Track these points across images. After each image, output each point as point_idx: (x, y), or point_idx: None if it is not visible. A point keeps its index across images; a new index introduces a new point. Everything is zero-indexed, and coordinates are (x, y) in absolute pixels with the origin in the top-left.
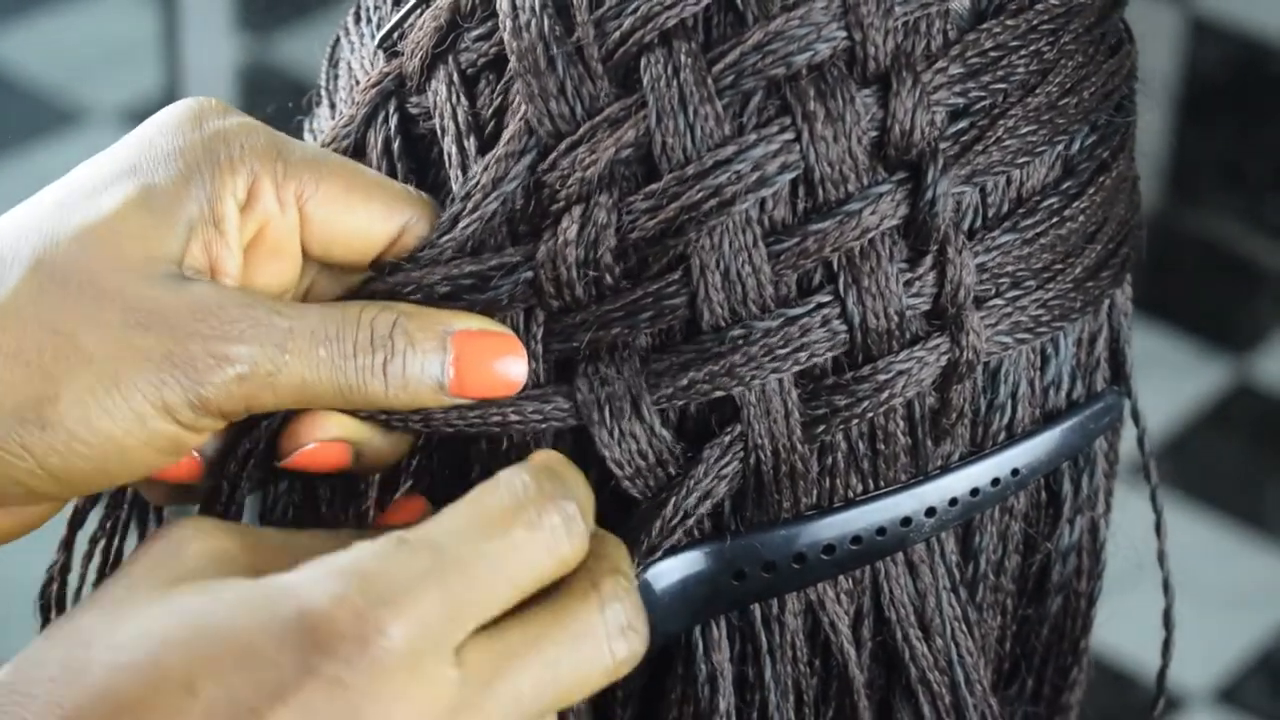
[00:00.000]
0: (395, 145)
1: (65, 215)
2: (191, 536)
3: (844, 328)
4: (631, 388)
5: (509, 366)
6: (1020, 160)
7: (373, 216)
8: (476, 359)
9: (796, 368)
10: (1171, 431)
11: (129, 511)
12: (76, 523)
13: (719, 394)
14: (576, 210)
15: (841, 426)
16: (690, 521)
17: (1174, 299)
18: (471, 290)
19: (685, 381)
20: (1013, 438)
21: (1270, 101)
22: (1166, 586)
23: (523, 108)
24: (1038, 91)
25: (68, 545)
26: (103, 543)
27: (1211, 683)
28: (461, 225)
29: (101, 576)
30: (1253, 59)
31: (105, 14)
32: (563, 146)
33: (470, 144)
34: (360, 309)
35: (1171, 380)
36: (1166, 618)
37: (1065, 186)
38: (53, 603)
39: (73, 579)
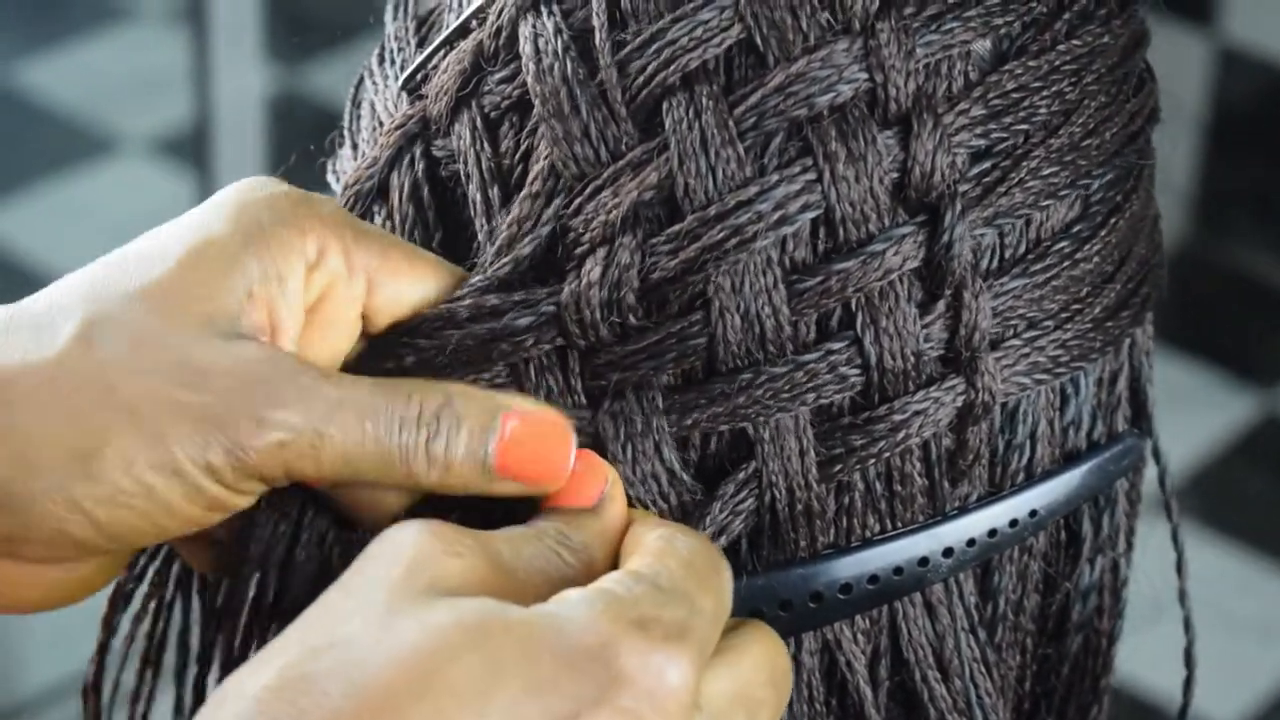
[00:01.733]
0: (424, 190)
1: (121, 275)
2: (443, 550)
3: (858, 369)
4: (654, 430)
5: (556, 456)
6: (1044, 203)
7: (429, 288)
8: (524, 446)
9: (805, 408)
10: (1199, 463)
11: (174, 591)
12: (118, 601)
13: (725, 427)
14: (600, 252)
15: (858, 467)
16: None
17: (1202, 331)
18: (494, 317)
19: (690, 421)
20: (1031, 478)
21: None
22: (1187, 625)
23: (548, 151)
24: (1060, 132)
25: (108, 624)
26: (146, 623)
27: (1239, 714)
28: (495, 268)
29: (145, 661)
30: None
31: (135, 43)
32: (587, 191)
33: (494, 193)
34: (411, 387)
35: (1199, 412)
36: (1188, 656)
37: (1077, 229)
38: (92, 689)
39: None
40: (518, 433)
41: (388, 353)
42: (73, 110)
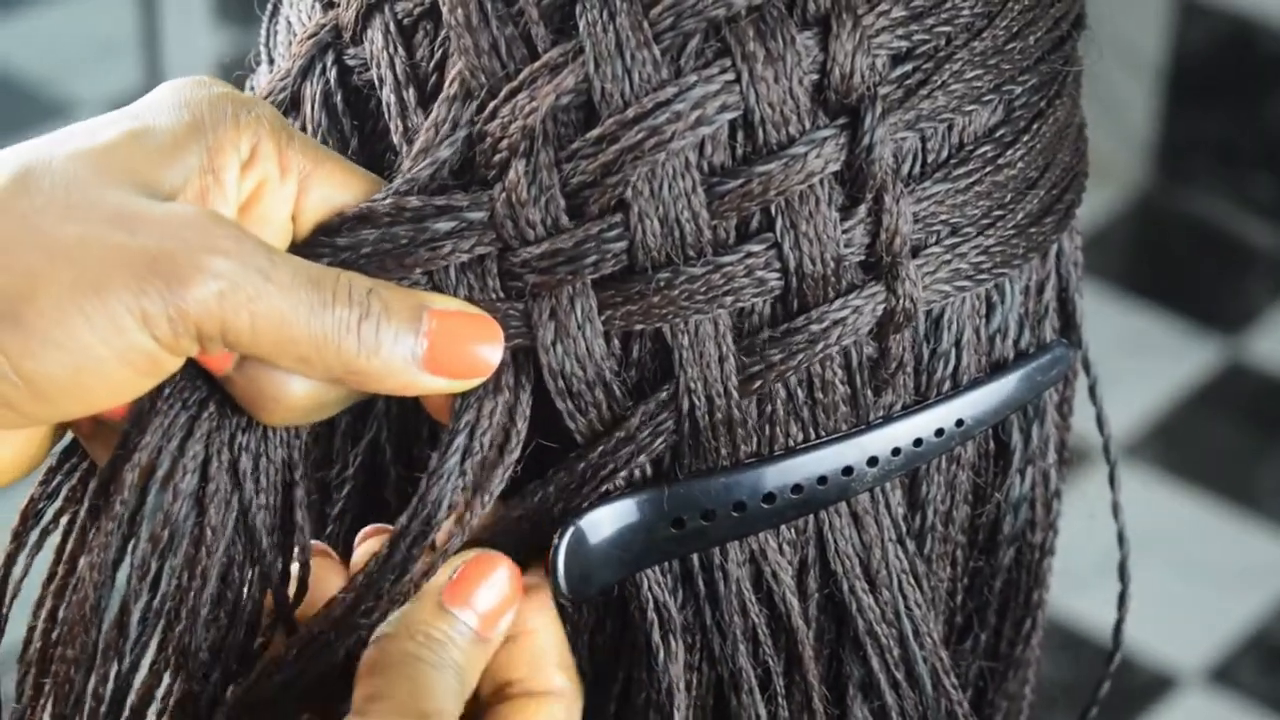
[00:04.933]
0: (336, 97)
1: (60, 141)
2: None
3: (777, 273)
4: (581, 306)
5: (484, 349)
6: (966, 107)
7: (358, 196)
8: (452, 337)
9: (723, 311)
10: (1163, 411)
11: (87, 508)
12: (28, 516)
13: (640, 326)
14: (521, 156)
15: (778, 381)
16: (621, 474)
17: (1165, 279)
18: (415, 220)
19: (604, 318)
20: (958, 387)
21: (1259, 80)
22: (1121, 539)
23: (459, 62)
24: (984, 35)
25: (17, 537)
26: (55, 537)
27: (1204, 662)
28: (416, 169)
29: (52, 576)
30: (1241, 37)
31: (88, 9)
32: (503, 94)
33: (410, 95)
34: (338, 271)
35: (1163, 360)
36: (1121, 570)
37: (1000, 134)
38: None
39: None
40: (444, 329)
41: (305, 253)
42: (29, 77)
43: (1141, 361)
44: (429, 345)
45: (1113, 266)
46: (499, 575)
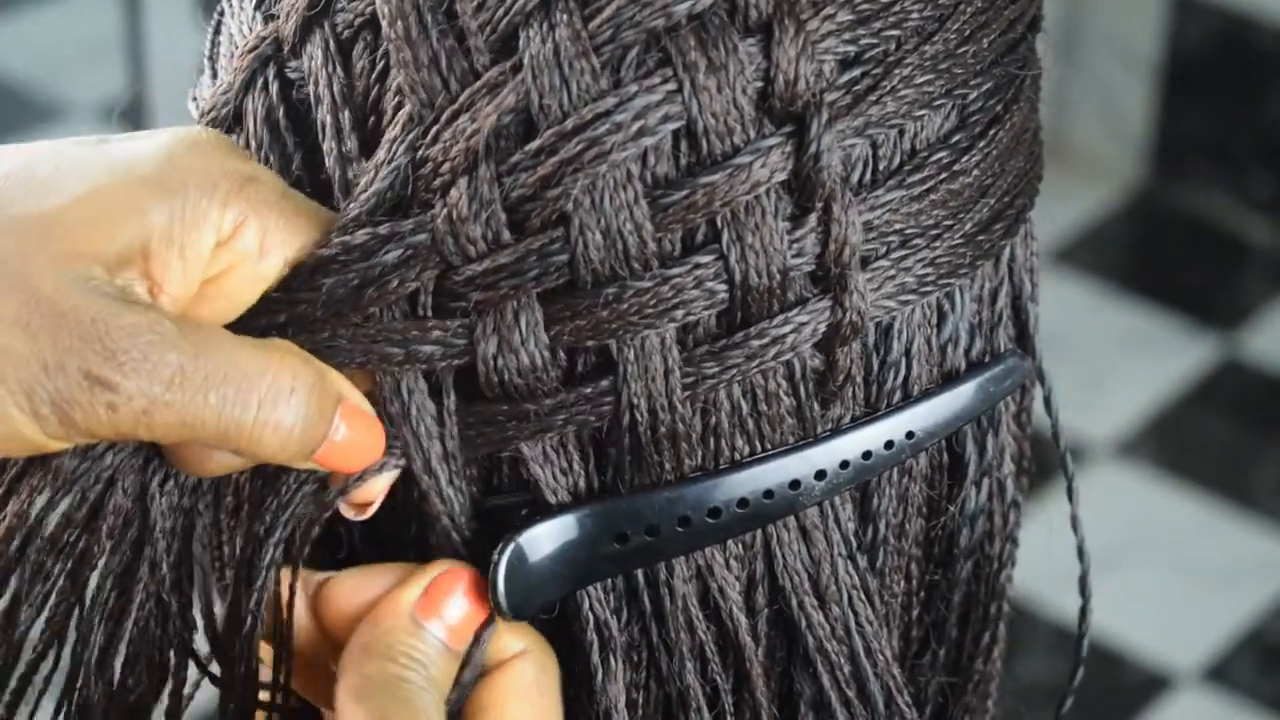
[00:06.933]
0: (278, 113)
1: (22, 192)
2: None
3: (724, 286)
4: (526, 320)
5: (374, 452)
6: (918, 112)
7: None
8: (352, 443)
9: (673, 325)
10: (1160, 409)
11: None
12: None
13: (590, 343)
14: (463, 178)
15: (710, 393)
16: (525, 439)
17: (1161, 276)
18: (363, 256)
19: (552, 334)
20: (909, 398)
21: (1254, 75)
22: (1081, 553)
23: (399, 76)
24: (935, 39)
25: None
26: None
27: (1200, 661)
28: (360, 206)
29: None
30: (1237, 33)
31: (73, 11)
32: (444, 118)
33: (345, 117)
34: (276, 361)
35: (1159, 357)
36: (1082, 585)
37: (955, 140)
38: None
39: None
40: (350, 434)
41: (262, 309)
42: (16, 79)
43: (1137, 358)
44: (324, 452)
45: (1109, 264)
46: (466, 586)
